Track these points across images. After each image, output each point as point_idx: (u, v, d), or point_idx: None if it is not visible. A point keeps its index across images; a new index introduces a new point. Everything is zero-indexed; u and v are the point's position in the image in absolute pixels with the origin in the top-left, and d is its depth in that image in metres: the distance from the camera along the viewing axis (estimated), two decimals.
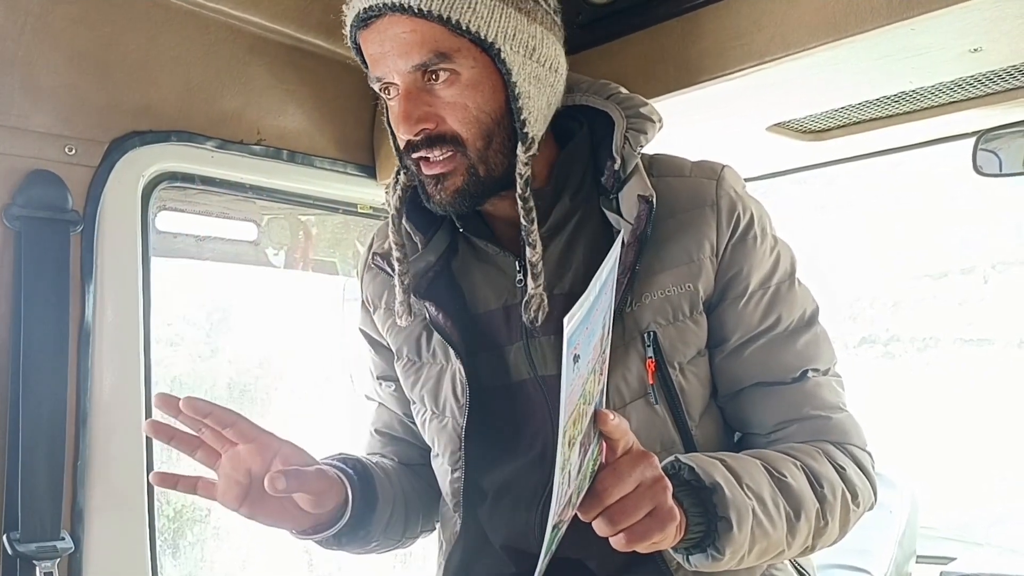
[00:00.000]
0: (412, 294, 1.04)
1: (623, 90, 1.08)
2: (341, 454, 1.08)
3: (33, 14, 1.22)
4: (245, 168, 1.53)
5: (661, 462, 0.86)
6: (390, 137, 1.05)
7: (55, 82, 1.26)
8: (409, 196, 1.06)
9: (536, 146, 0.98)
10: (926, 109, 1.51)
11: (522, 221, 0.97)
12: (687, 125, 1.47)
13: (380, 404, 1.25)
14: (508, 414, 1.05)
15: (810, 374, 1.02)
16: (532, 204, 0.97)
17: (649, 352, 0.98)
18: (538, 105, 0.97)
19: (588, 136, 1.06)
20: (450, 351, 1.05)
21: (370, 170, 1.71)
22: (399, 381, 1.16)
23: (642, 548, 0.78)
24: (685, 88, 1.30)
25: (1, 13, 1.20)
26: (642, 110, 1.04)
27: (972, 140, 1.52)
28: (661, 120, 1.06)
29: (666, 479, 0.79)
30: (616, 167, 1.01)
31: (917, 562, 2.21)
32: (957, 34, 1.11)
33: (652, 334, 0.99)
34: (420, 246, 1.07)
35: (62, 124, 1.28)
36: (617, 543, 0.77)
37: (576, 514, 0.78)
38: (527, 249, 0.97)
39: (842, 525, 0.97)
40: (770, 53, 1.19)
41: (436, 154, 0.95)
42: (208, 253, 1.69)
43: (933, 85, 1.36)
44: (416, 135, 0.94)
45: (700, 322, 1.02)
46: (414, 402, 1.14)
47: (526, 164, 0.96)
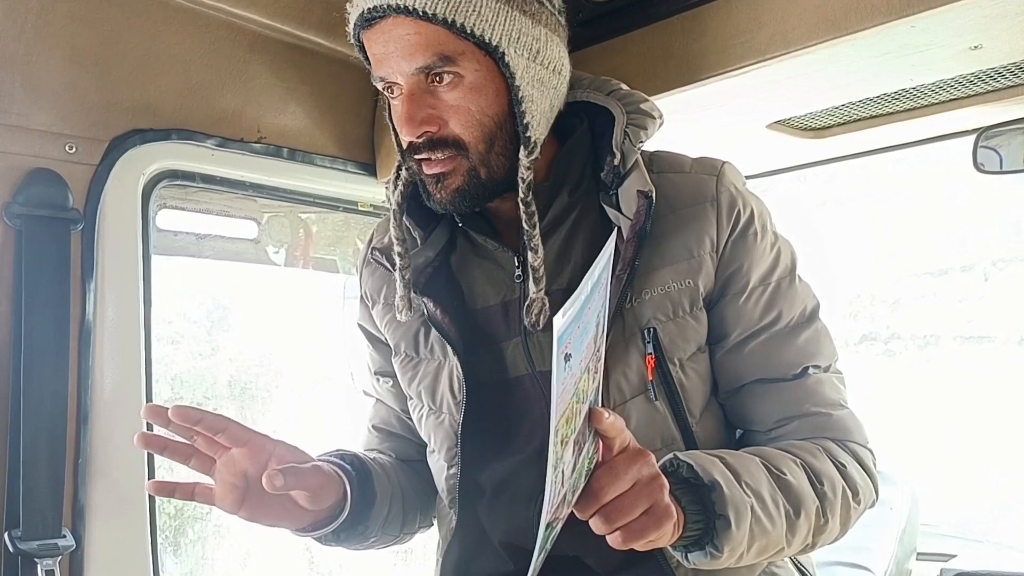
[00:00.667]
0: (411, 289, 1.04)
1: (623, 86, 1.08)
2: (338, 450, 1.08)
3: (33, 12, 1.22)
4: (245, 166, 1.53)
5: (661, 459, 0.86)
6: (391, 134, 1.04)
7: (55, 80, 1.26)
8: (410, 192, 1.06)
9: (539, 149, 0.97)
10: (926, 106, 1.51)
11: (524, 225, 0.97)
12: (688, 122, 1.47)
13: (378, 400, 1.25)
14: (505, 410, 1.05)
15: (811, 370, 1.02)
16: (534, 208, 0.97)
17: (649, 348, 0.98)
18: (541, 108, 0.97)
19: (588, 132, 1.06)
20: (447, 347, 1.04)
21: (370, 168, 1.71)
22: (396, 377, 1.16)
23: (639, 546, 0.78)
24: (686, 85, 1.30)
25: (1, 11, 1.20)
26: (642, 106, 1.04)
27: (972, 137, 1.52)
28: (662, 116, 1.06)
29: (663, 477, 0.79)
30: (616, 162, 1.01)
31: (917, 559, 2.22)
32: (957, 31, 1.11)
33: (652, 330, 0.98)
34: (419, 241, 1.07)
35: (62, 122, 1.27)
36: (614, 541, 0.77)
37: (573, 512, 0.78)
38: (528, 253, 0.97)
39: (843, 523, 0.97)
40: (771, 50, 1.19)
41: (437, 155, 0.95)
42: (208, 251, 1.69)
43: (933, 82, 1.36)
44: (419, 137, 0.94)
45: (700, 318, 1.01)
46: (411, 398, 1.14)
47: (528, 168, 0.96)
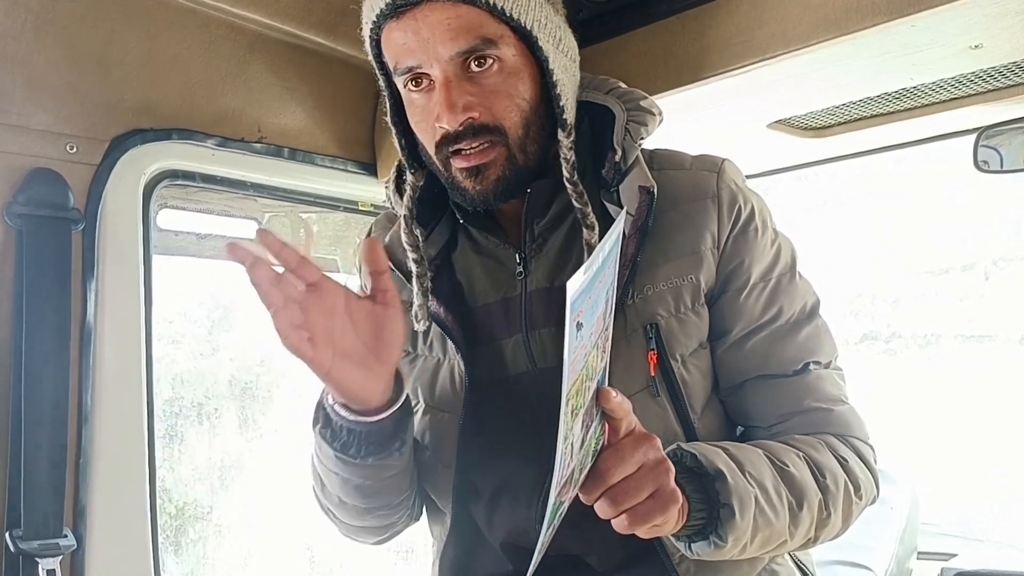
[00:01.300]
0: (428, 298, 1.04)
1: (622, 85, 1.08)
2: None
3: (34, 12, 1.22)
4: (246, 166, 1.53)
5: (663, 450, 0.87)
6: (394, 137, 1.04)
7: (56, 80, 1.26)
8: (416, 196, 1.06)
9: (574, 131, 0.99)
10: (927, 106, 1.51)
11: (576, 204, 0.98)
12: (688, 122, 1.48)
13: None
14: (505, 408, 1.04)
15: (812, 367, 1.02)
16: (582, 188, 0.98)
17: (651, 344, 0.98)
18: (569, 92, 0.99)
19: (588, 131, 1.06)
20: (449, 344, 1.04)
21: (371, 168, 1.71)
22: None
23: (643, 531, 0.78)
24: (686, 85, 1.30)
25: (2, 11, 1.20)
26: (642, 103, 1.05)
27: (973, 136, 1.52)
28: (661, 113, 1.07)
29: (668, 461, 0.80)
30: (617, 159, 1.02)
31: (918, 558, 2.22)
32: (958, 31, 1.11)
33: (654, 326, 0.99)
34: (421, 239, 1.07)
35: (63, 122, 1.27)
36: (619, 525, 0.77)
37: (579, 497, 0.78)
38: (584, 231, 0.98)
39: (844, 517, 0.97)
40: (771, 50, 1.19)
41: (474, 145, 0.94)
42: (209, 251, 1.69)
43: (934, 82, 1.36)
44: (460, 125, 0.92)
45: (702, 314, 1.02)
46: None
47: (570, 148, 0.98)
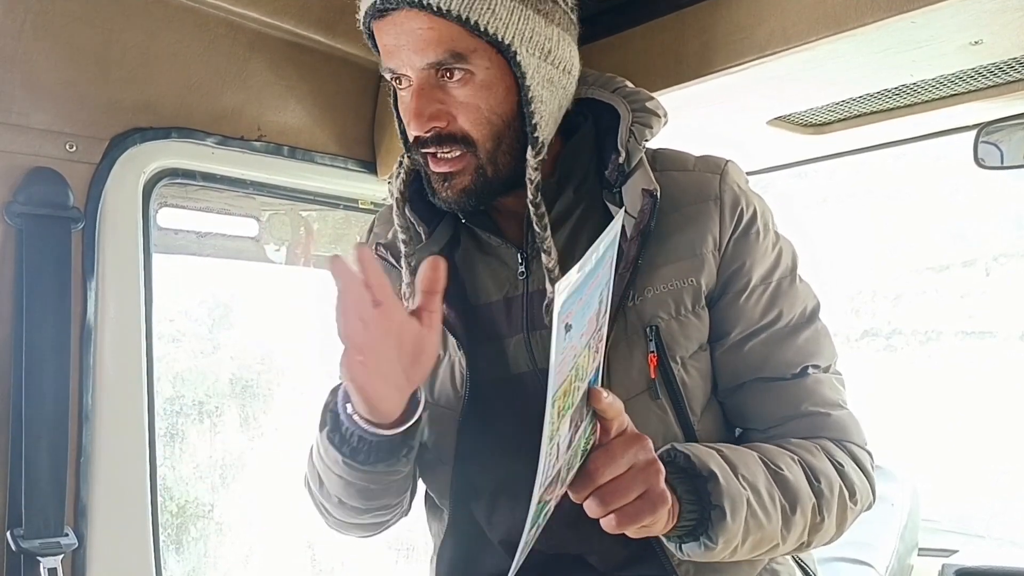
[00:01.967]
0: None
1: (629, 84, 1.08)
2: None
3: (33, 11, 1.22)
4: (246, 164, 1.53)
5: (657, 451, 0.86)
6: (394, 125, 1.04)
7: (55, 79, 1.26)
8: (414, 186, 1.06)
9: (545, 150, 0.97)
10: (927, 102, 1.51)
11: (535, 227, 0.97)
12: (689, 119, 1.47)
13: None
14: (506, 407, 1.04)
15: (810, 370, 1.02)
16: (544, 210, 0.97)
17: (651, 346, 0.98)
18: (550, 108, 0.97)
19: (593, 129, 1.06)
20: (451, 342, 1.04)
21: (371, 166, 1.71)
22: None
23: (632, 531, 0.78)
24: (686, 82, 1.30)
25: (1, 10, 1.20)
26: (648, 104, 1.05)
27: (973, 133, 1.52)
28: (666, 115, 1.06)
29: (659, 462, 0.79)
30: (620, 161, 1.01)
31: (919, 555, 2.22)
32: (957, 27, 1.11)
33: (655, 328, 0.98)
34: (423, 237, 1.07)
35: (63, 121, 1.27)
36: (607, 524, 0.77)
37: (569, 495, 0.78)
38: (542, 255, 0.97)
39: (839, 522, 0.97)
40: (771, 47, 1.19)
41: (445, 151, 0.94)
42: (209, 249, 1.69)
43: (934, 78, 1.36)
44: (427, 132, 0.94)
45: (702, 316, 1.01)
46: None
47: (536, 169, 0.96)
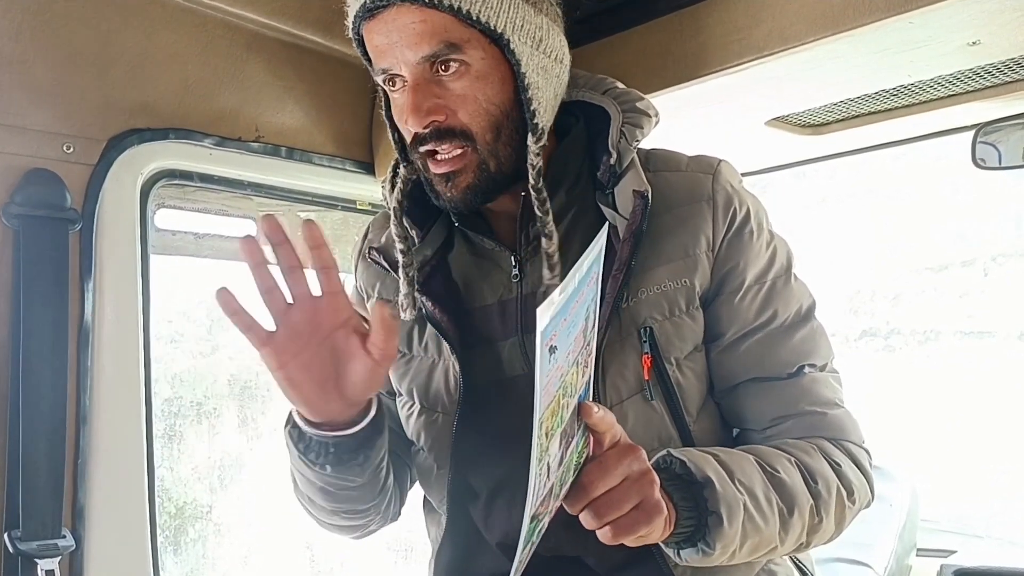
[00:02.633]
0: (415, 288, 1.04)
1: (619, 85, 1.08)
2: None
3: (30, 12, 1.22)
4: (243, 165, 1.53)
5: (653, 454, 0.86)
6: (389, 132, 1.04)
7: (52, 80, 1.26)
8: (409, 191, 1.05)
9: (545, 137, 0.98)
10: (925, 103, 1.51)
11: (536, 211, 0.97)
12: (686, 119, 1.47)
13: None
14: (501, 410, 1.04)
15: (806, 370, 1.01)
16: (546, 195, 0.97)
17: (646, 348, 0.98)
18: (546, 96, 0.97)
19: (584, 131, 1.06)
20: (444, 345, 1.04)
21: (368, 166, 1.71)
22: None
23: (629, 541, 0.78)
24: (683, 83, 1.30)
25: None
26: (638, 105, 1.04)
27: (971, 133, 1.52)
28: (658, 115, 1.06)
29: (653, 473, 0.79)
30: (612, 162, 1.01)
31: (917, 555, 2.22)
32: (955, 27, 1.11)
33: (648, 329, 0.98)
34: (416, 240, 1.07)
35: (60, 122, 1.27)
36: (604, 536, 0.77)
37: (563, 507, 0.78)
38: (543, 240, 0.97)
39: (837, 522, 0.97)
40: (768, 47, 1.19)
41: (445, 148, 0.94)
42: (207, 250, 1.69)
43: (932, 79, 1.36)
44: (425, 128, 0.93)
45: (696, 317, 1.01)
46: (400, 395, 1.13)
47: (537, 155, 0.96)
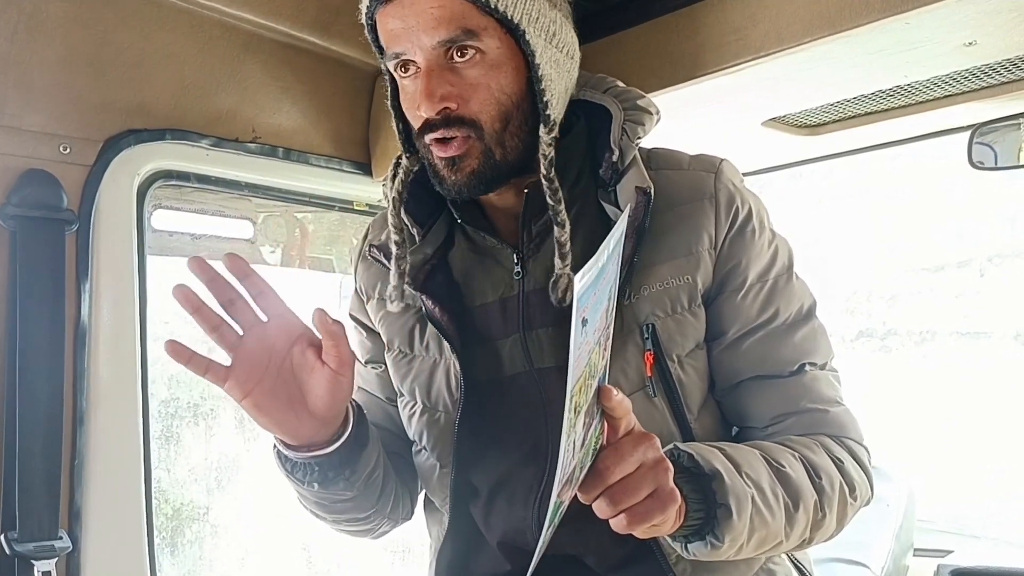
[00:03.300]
0: (408, 286, 1.04)
1: (619, 83, 1.08)
2: None
3: (26, 13, 1.22)
4: (240, 166, 1.53)
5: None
6: (393, 120, 1.04)
7: (49, 81, 1.25)
8: (410, 187, 1.06)
9: (557, 128, 0.98)
10: (921, 103, 1.51)
11: (549, 201, 0.97)
12: (683, 120, 1.47)
13: (360, 388, 1.21)
14: (502, 408, 1.04)
15: (807, 367, 1.02)
16: (558, 184, 0.98)
17: (648, 345, 0.98)
18: (558, 89, 0.98)
19: (585, 129, 1.06)
20: (444, 344, 1.04)
21: (366, 167, 1.71)
22: (387, 364, 1.15)
23: (641, 531, 0.78)
24: (681, 83, 1.30)
25: None
26: (639, 102, 1.05)
27: (967, 134, 1.52)
28: (659, 112, 1.06)
29: (667, 461, 0.79)
30: (614, 159, 1.01)
31: (914, 555, 2.22)
32: (951, 28, 1.11)
33: (651, 326, 0.98)
34: (417, 238, 1.07)
35: (56, 123, 1.27)
36: (617, 524, 0.77)
37: (577, 496, 0.77)
38: (555, 229, 0.97)
39: (839, 518, 0.97)
40: (765, 48, 1.19)
41: (452, 133, 0.94)
42: (204, 251, 1.69)
43: (928, 79, 1.36)
44: (437, 114, 0.94)
45: (698, 315, 1.01)
46: (402, 395, 1.13)
47: (550, 145, 0.97)
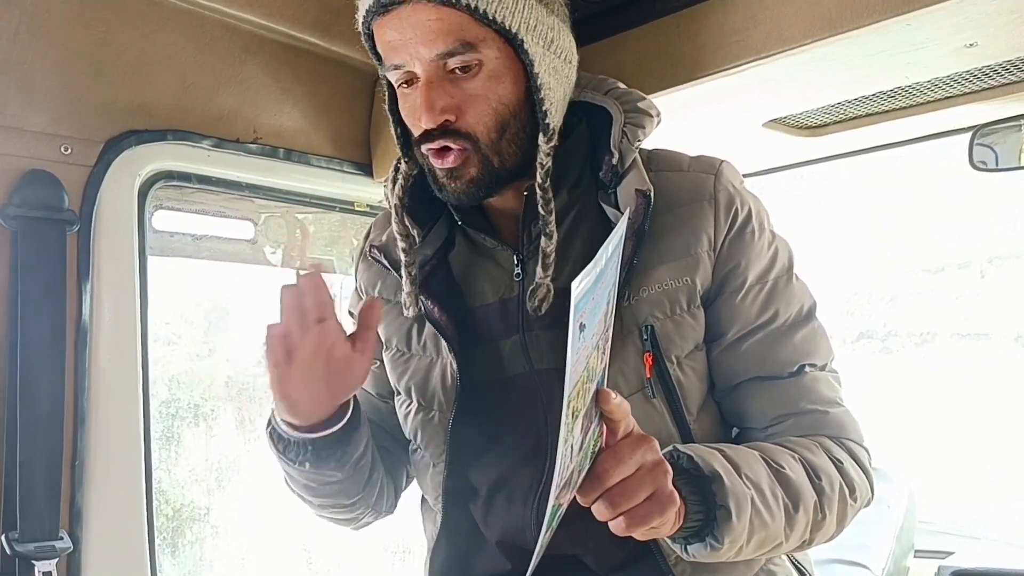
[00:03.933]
0: (417, 286, 1.04)
1: (621, 85, 1.08)
2: None
3: (28, 13, 1.22)
4: (242, 167, 1.53)
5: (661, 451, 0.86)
6: (391, 125, 1.04)
7: (50, 82, 1.26)
8: (411, 191, 1.06)
9: (556, 136, 0.98)
10: (922, 104, 1.51)
11: (540, 211, 0.98)
12: (684, 121, 1.47)
13: None
14: (501, 409, 1.04)
15: (807, 369, 1.02)
16: (551, 195, 0.98)
17: (647, 346, 0.98)
18: (557, 96, 0.98)
19: (586, 131, 1.06)
20: (442, 344, 1.04)
21: (367, 168, 1.71)
22: (382, 360, 1.15)
23: (640, 533, 0.78)
24: (681, 85, 1.30)
25: None
26: (640, 105, 1.05)
27: (968, 135, 1.52)
28: (659, 115, 1.06)
29: (666, 463, 0.79)
30: (614, 161, 1.02)
31: (915, 556, 2.22)
32: (952, 29, 1.11)
33: (650, 328, 0.99)
34: (418, 239, 1.07)
35: (58, 124, 1.27)
36: (616, 527, 0.77)
37: (576, 499, 0.77)
38: (542, 239, 0.98)
39: (839, 519, 0.97)
40: (766, 49, 1.19)
41: (449, 143, 0.95)
42: (205, 252, 1.69)
43: (929, 80, 1.36)
44: (437, 125, 0.94)
45: (698, 316, 1.02)
46: (399, 393, 1.13)
47: (548, 154, 0.97)
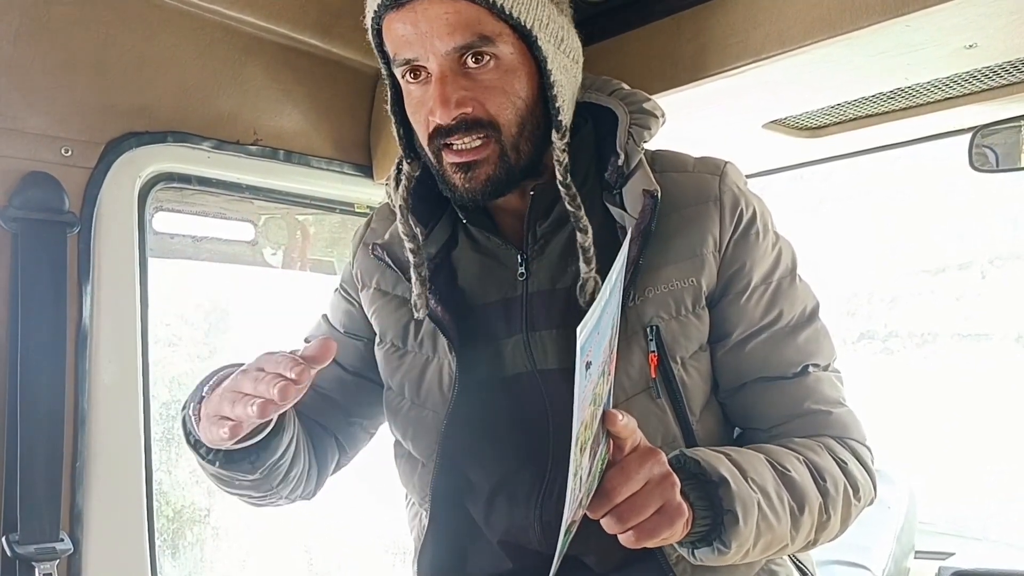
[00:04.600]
0: (428, 287, 1.04)
1: (625, 86, 1.09)
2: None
3: (28, 15, 1.22)
4: (242, 168, 1.53)
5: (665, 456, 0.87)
6: (393, 125, 1.04)
7: (51, 84, 1.26)
8: (413, 190, 1.06)
9: (568, 134, 0.99)
10: (922, 105, 1.51)
11: (568, 207, 0.98)
12: (684, 122, 1.47)
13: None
14: (502, 408, 1.04)
15: (811, 369, 1.02)
16: (575, 190, 0.98)
17: (652, 346, 0.99)
18: (567, 95, 0.99)
19: (592, 132, 1.06)
20: (441, 343, 1.04)
21: (367, 169, 1.71)
22: (365, 339, 1.15)
23: (651, 545, 0.79)
24: (681, 86, 1.30)
25: None
26: (645, 105, 1.05)
27: (968, 136, 1.52)
28: (664, 115, 1.07)
29: (674, 476, 0.79)
30: (620, 162, 1.02)
31: (915, 557, 2.22)
32: (952, 30, 1.11)
33: (655, 328, 0.99)
34: (421, 238, 1.07)
35: (58, 126, 1.27)
36: (626, 540, 0.77)
37: (585, 513, 0.78)
38: (578, 235, 0.98)
39: (843, 519, 0.98)
40: (766, 50, 1.20)
41: (467, 140, 0.94)
42: (205, 253, 1.69)
43: (928, 81, 1.36)
44: (453, 119, 0.93)
45: (702, 317, 1.02)
46: (390, 388, 1.12)
47: (563, 151, 0.98)
